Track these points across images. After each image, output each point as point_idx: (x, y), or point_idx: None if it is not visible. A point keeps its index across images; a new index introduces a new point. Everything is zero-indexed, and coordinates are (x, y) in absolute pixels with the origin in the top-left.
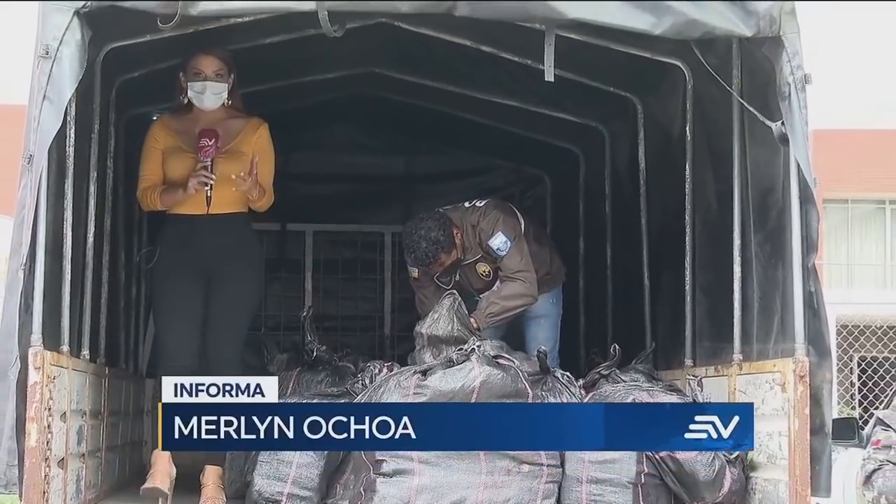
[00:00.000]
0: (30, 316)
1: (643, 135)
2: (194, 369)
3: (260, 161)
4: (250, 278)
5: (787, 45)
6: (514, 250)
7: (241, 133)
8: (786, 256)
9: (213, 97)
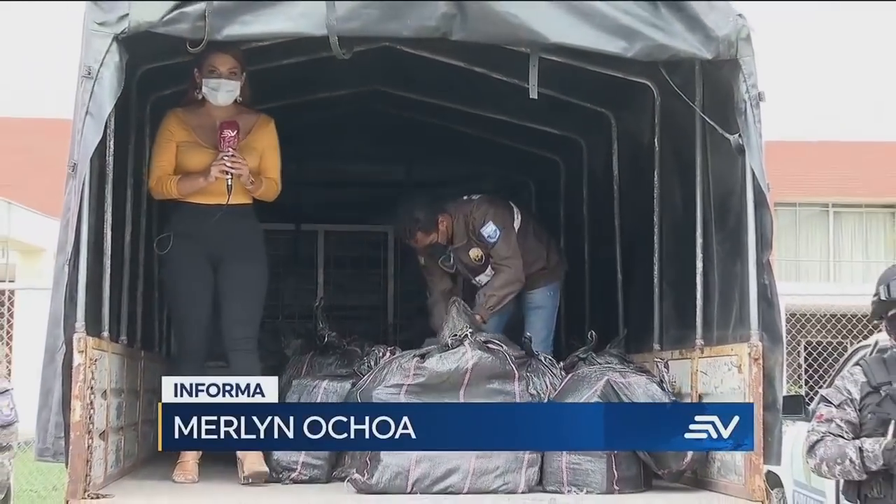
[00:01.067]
0: (74, 306)
1: (617, 146)
2: (209, 349)
3: (270, 155)
4: (260, 261)
5: (744, 67)
6: (503, 239)
7: (253, 128)
8: (743, 253)
9: (226, 94)
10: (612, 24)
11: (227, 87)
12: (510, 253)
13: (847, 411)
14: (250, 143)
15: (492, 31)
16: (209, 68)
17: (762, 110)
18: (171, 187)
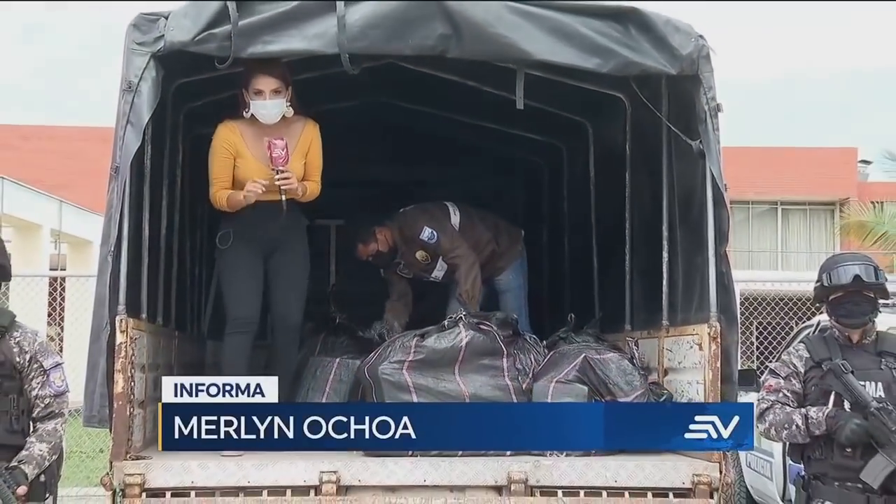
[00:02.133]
0: (116, 291)
1: (593, 150)
2: (256, 323)
3: (314, 158)
4: (304, 255)
5: (704, 81)
6: (443, 237)
7: (302, 134)
8: (703, 245)
9: (273, 113)
10: (588, 43)
11: (273, 106)
12: (454, 245)
13: (793, 383)
14: (298, 149)
15: (483, 49)
16: (254, 90)
17: (720, 120)
18: (223, 202)
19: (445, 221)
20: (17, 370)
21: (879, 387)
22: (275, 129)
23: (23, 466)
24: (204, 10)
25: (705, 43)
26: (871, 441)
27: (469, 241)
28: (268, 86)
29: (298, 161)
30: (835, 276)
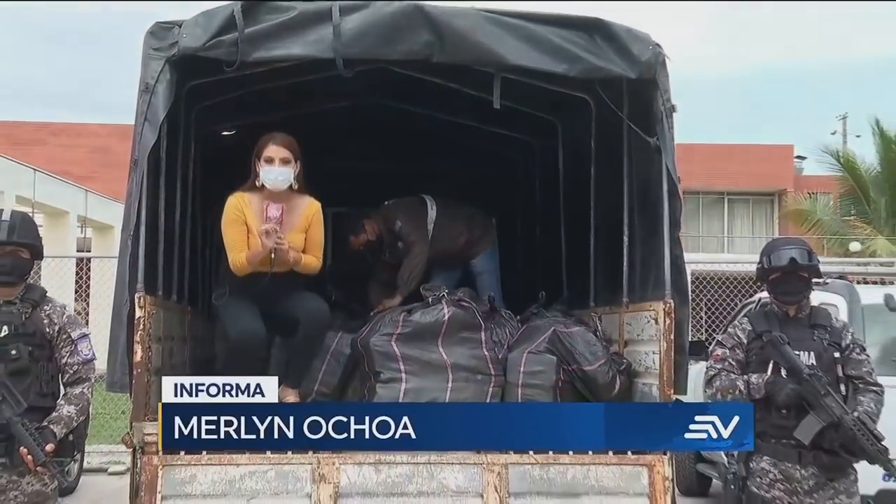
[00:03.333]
0: (135, 271)
1: (562, 146)
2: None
3: (314, 235)
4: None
5: (661, 85)
6: (408, 227)
7: (305, 211)
8: (659, 231)
9: (281, 179)
10: (558, 50)
11: (281, 173)
12: (414, 236)
13: (737, 353)
14: (297, 224)
15: (464, 55)
16: (266, 158)
17: (674, 119)
18: (245, 265)
19: (422, 215)
20: (47, 340)
21: (812, 356)
22: (279, 200)
23: (52, 426)
24: (213, 18)
25: (661, 50)
26: (803, 403)
27: (443, 231)
28: (278, 154)
29: (299, 234)
30: (774, 259)
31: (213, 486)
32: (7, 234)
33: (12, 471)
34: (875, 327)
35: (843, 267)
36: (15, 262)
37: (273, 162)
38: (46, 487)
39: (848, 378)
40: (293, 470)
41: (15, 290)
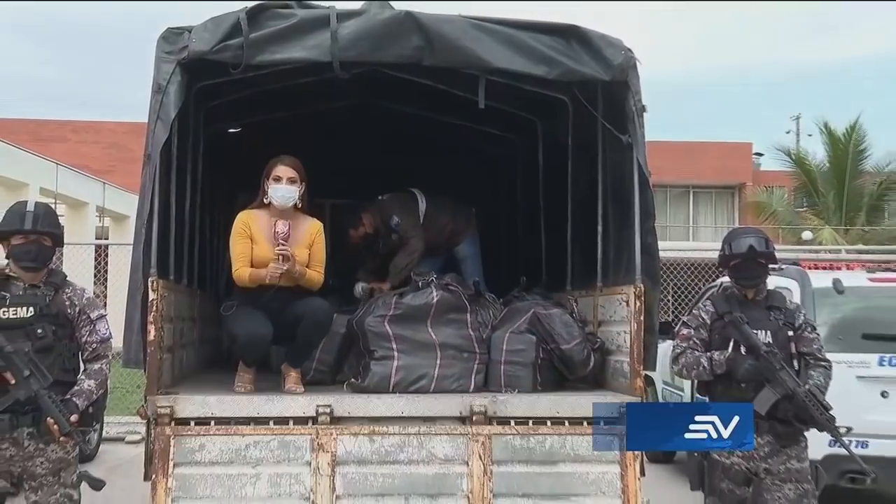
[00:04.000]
0: (149, 257)
1: (542, 143)
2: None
3: (317, 252)
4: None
5: (632, 87)
6: (405, 222)
7: (308, 229)
8: (630, 221)
9: (288, 197)
10: (537, 54)
11: (288, 191)
12: (409, 234)
13: (701, 332)
14: (302, 240)
15: (451, 58)
16: (275, 177)
17: (644, 118)
18: (246, 278)
19: (414, 209)
20: (68, 320)
21: (768, 334)
22: (285, 217)
23: (74, 399)
24: (221, 24)
25: (633, 55)
26: (761, 378)
27: (432, 223)
28: (286, 174)
29: (303, 250)
30: (735, 247)
31: (220, 455)
32: (32, 223)
33: (39, 439)
34: (824, 308)
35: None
36: (39, 249)
37: (281, 181)
38: (69, 454)
39: (800, 354)
40: (294, 440)
41: (39, 275)
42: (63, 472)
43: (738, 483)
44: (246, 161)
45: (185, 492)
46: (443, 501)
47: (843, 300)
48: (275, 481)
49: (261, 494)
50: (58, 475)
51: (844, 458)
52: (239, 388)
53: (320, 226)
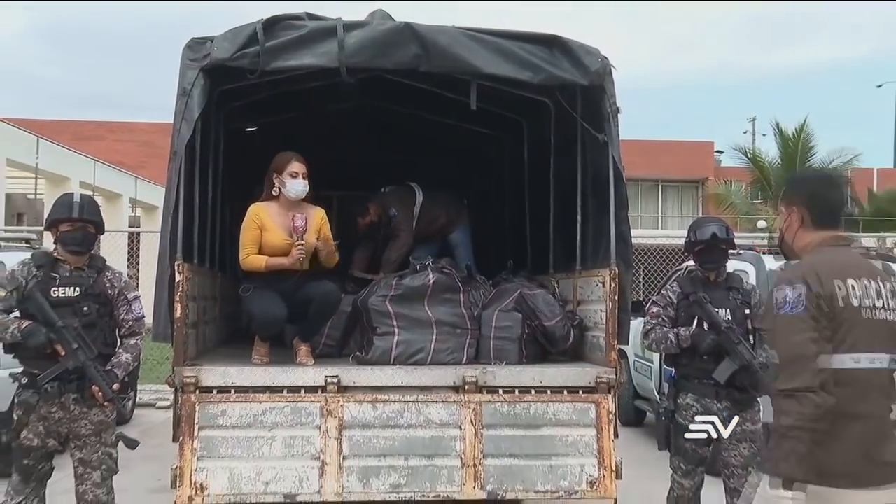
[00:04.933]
0: (175, 243)
1: (527, 141)
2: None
3: (325, 231)
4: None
5: (608, 90)
6: (400, 216)
7: (314, 217)
8: (606, 211)
9: (301, 190)
10: (523, 61)
11: (302, 185)
12: (403, 225)
13: (668, 310)
14: (313, 226)
15: (446, 65)
16: (291, 172)
17: (619, 119)
18: (261, 264)
19: (410, 203)
20: (109, 300)
21: (728, 312)
22: (294, 209)
23: (115, 369)
24: (239, 34)
25: (608, 62)
26: (721, 351)
27: (427, 214)
28: (301, 170)
29: (313, 235)
30: (699, 234)
31: (240, 419)
32: (78, 212)
33: (83, 404)
34: None
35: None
36: (84, 235)
37: (297, 176)
38: (108, 417)
39: (755, 330)
40: (305, 406)
41: (83, 259)
42: (103, 433)
43: (701, 444)
44: (261, 157)
45: (209, 452)
46: (438, 461)
47: None
48: (288, 443)
49: (276, 455)
50: (99, 435)
51: None
52: (256, 360)
53: (323, 212)
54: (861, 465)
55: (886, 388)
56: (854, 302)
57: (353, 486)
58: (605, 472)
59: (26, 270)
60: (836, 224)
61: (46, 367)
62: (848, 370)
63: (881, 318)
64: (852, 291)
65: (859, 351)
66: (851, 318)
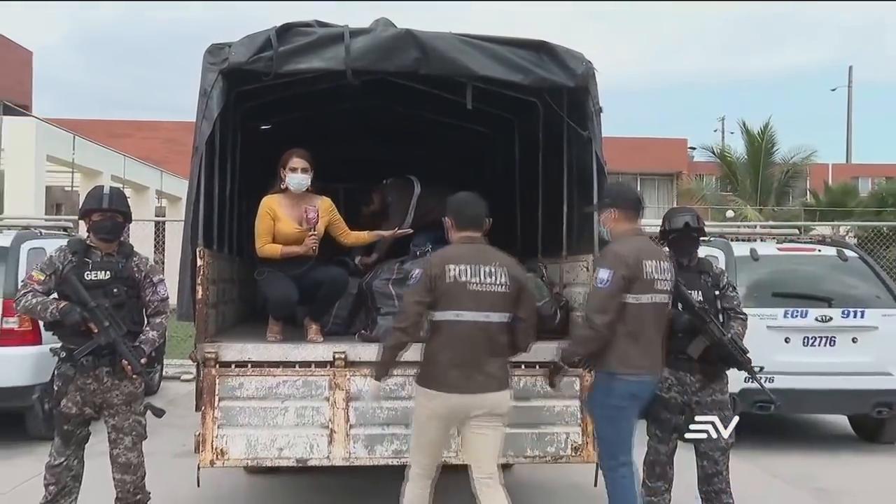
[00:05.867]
0: (197, 231)
1: (518, 138)
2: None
3: (338, 218)
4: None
5: (591, 91)
6: (395, 204)
7: (321, 206)
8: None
9: (303, 183)
10: (514, 64)
11: (303, 178)
12: (396, 213)
13: None
14: (320, 216)
15: (444, 68)
16: (291, 167)
17: (601, 118)
18: (276, 252)
19: (408, 194)
20: (136, 283)
21: (700, 294)
22: (303, 200)
23: (143, 346)
24: (255, 40)
25: (592, 65)
26: (694, 328)
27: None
28: (301, 164)
29: (323, 225)
30: (673, 223)
31: (256, 391)
32: (108, 203)
33: (114, 376)
34: (743, 272)
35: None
36: (114, 224)
37: (297, 171)
38: (137, 389)
39: (724, 309)
40: (315, 380)
41: (113, 245)
42: (133, 402)
43: (675, 412)
44: (274, 152)
45: (228, 420)
46: None
47: (757, 266)
48: (300, 413)
49: (289, 423)
50: (129, 405)
51: (756, 391)
52: (270, 337)
53: (329, 200)
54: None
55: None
56: (647, 276)
57: (359, 452)
58: (588, 439)
59: (63, 256)
60: (636, 218)
61: (81, 343)
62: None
63: (660, 288)
64: (650, 270)
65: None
66: (642, 284)
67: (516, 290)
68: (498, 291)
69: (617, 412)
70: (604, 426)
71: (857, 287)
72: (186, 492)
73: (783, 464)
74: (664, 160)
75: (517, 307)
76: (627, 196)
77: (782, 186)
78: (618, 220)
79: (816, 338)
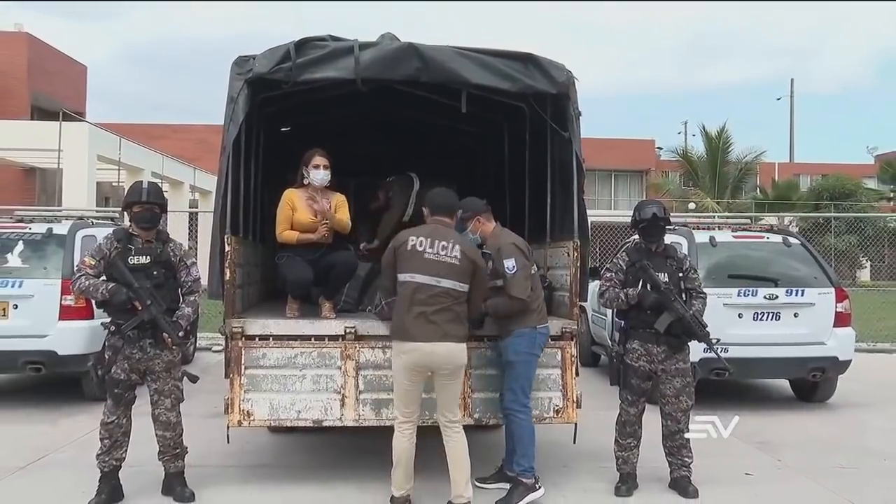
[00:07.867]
0: (225, 220)
1: (507, 138)
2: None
3: (342, 212)
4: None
5: (572, 97)
6: (396, 198)
7: (336, 202)
8: (570, 194)
9: (324, 179)
10: (503, 73)
11: (325, 174)
12: (396, 206)
13: (619, 275)
14: (335, 209)
15: (442, 76)
16: (314, 165)
17: (580, 120)
18: (293, 239)
19: (409, 189)
20: (172, 266)
21: (666, 276)
22: (319, 194)
23: (179, 321)
24: (276, 53)
25: (572, 74)
26: (661, 306)
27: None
28: (322, 162)
29: (335, 217)
30: (642, 214)
31: (277, 361)
32: (146, 196)
33: (156, 347)
34: (703, 257)
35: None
36: (152, 214)
37: (319, 168)
38: (175, 358)
39: (687, 290)
40: (329, 351)
41: (151, 233)
42: (172, 370)
43: (643, 379)
44: (293, 151)
45: (253, 386)
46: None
47: (716, 251)
48: (316, 380)
49: (306, 389)
50: (169, 371)
51: (713, 360)
52: (289, 314)
53: (343, 197)
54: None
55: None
56: (531, 254)
57: (368, 415)
58: (568, 402)
59: (109, 243)
60: (491, 216)
61: (128, 319)
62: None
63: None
64: (530, 251)
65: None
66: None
67: (468, 264)
68: (448, 262)
69: (535, 359)
70: (527, 371)
71: (799, 269)
72: (218, 447)
73: (735, 422)
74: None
75: (469, 281)
76: (476, 203)
77: (737, 182)
78: (483, 222)
79: (764, 313)
